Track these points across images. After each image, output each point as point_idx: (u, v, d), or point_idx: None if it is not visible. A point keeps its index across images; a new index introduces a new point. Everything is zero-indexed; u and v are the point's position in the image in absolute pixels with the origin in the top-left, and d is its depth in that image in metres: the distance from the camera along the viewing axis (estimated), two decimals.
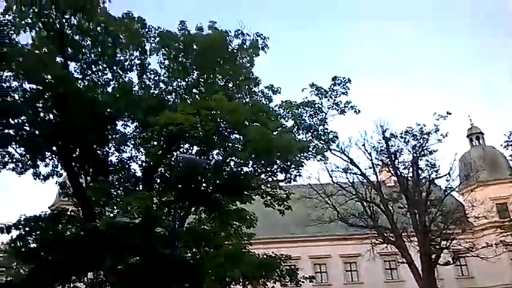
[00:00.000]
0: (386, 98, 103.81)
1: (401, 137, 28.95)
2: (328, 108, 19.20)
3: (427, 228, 28.49)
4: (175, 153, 17.39)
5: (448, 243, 28.53)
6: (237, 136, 17.14)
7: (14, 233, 18.04)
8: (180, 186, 16.98)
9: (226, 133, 17.08)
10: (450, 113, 27.43)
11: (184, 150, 18.14)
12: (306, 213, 29.97)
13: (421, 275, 27.45)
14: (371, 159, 30.38)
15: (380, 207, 29.93)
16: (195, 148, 18.29)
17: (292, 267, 20.11)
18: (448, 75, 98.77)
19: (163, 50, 18.54)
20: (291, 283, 19.73)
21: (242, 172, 18.31)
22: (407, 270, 29.64)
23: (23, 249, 18.31)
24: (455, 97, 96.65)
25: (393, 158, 29.72)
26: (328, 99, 19.02)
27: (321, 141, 18.75)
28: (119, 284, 16.83)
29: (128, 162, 19.60)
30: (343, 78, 18.97)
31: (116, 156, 19.63)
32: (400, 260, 30.56)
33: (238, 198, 19.11)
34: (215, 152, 18.44)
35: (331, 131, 19.19)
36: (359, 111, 19.41)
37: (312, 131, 18.63)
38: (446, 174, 29.68)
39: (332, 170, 30.50)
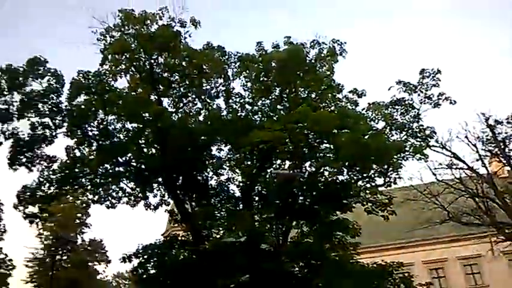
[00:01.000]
0: (480, 85, 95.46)
1: (508, 122, 26.30)
2: (420, 103, 18.12)
3: None
4: (269, 171, 17.77)
5: None
6: (327, 145, 16.99)
7: (135, 261, 19.70)
8: (277, 202, 17.23)
9: (315, 144, 17.02)
10: None
11: (277, 166, 18.43)
12: (412, 217, 28.36)
13: None
14: (477, 151, 27.96)
15: (496, 202, 27.34)
16: (287, 163, 18.48)
17: (406, 274, 19.09)
18: None
19: (244, 73, 19.21)
20: None
21: (338, 181, 18.03)
22: None
23: (144, 276, 19.82)
24: None
25: (502, 147, 27.05)
26: (419, 94, 17.98)
27: (418, 139, 17.73)
28: None
29: (226, 184, 20.43)
30: (432, 69, 17.87)
31: (215, 180, 20.62)
32: None
33: (338, 208, 18.79)
34: (307, 164, 18.45)
35: (428, 127, 18.08)
36: (455, 102, 18.06)
37: (406, 129, 17.72)
38: None
39: (435, 168, 28.59)
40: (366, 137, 15.72)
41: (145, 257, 19.74)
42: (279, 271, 13.27)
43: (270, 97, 18.83)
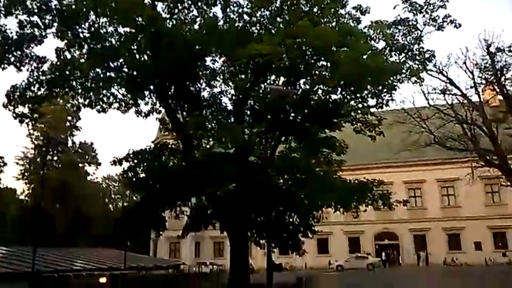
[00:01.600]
0: (488, 9, 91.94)
1: (510, 51, 25.94)
2: (424, 24, 17.47)
3: None
4: (263, 85, 17.58)
5: None
6: (324, 63, 16.67)
7: (125, 165, 20.19)
8: (269, 117, 17.31)
9: (312, 61, 16.66)
10: None
11: (272, 82, 18.21)
12: (400, 139, 29.10)
13: None
14: (473, 78, 27.99)
15: (482, 129, 27.98)
16: (282, 79, 18.25)
17: (385, 191, 19.98)
18: None
19: None
20: (384, 207, 19.74)
21: (331, 100, 18.01)
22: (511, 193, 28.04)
23: (134, 179, 20.46)
24: None
25: (499, 75, 26.98)
26: (424, 15, 17.28)
27: (416, 62, 17.42)
28: (218, 207, 18.30)
29: (219, 96, 20.31)
30: None
31: (207, 91, 20.44)
32: (503, 183, 28.89)
33: (327, 126, 19.02)
34: (302, 81, 18.25)
35: (428, 50, 17.66)
36: (459, 25, 17.42)
37: (405, 51, 17.30)
38: None
39: (428, 92, 28.78)
40: (365, 56, 15.39)
41: (136, 161, 20.21)
42: (266, 183, 13.76)
43: (270, 8, 17.94)
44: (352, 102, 18.31)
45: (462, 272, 30.38)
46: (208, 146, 20.23)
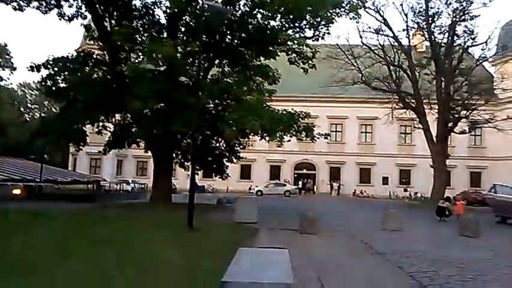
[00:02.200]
0: None
1: None
2: None
3: (451, 96, 28.37)
4: (200, 1, 16.58)
5: (468, 113, 28.67)
6: None
7: (44, 72, 18.61)
8: (204, 36, 16.58)
9: None
10: None
11: None
12: (330, 74, 29.73)
13: (435, 141, 28.30)
14: (406, 21, 28.86)
15: (407, 73, 29.45)
16: None
17: (310, 124, 20.64)
18: None
19: None
20: (306, 138, 20.49)
21: (269, 26, 17.60)
22: (421, 136, 30.50)
23: (53, 88, 19.06)
24: None
25: (430, 21, 28.04)
26: None
27: None
28: (143, 126, 17.80)
29: (152, 7, 18.96)
30: None
31: (140, 0, 18.93)
32: (416, 126, 31.16)
33: (263, 54, 18.79)
34: (242, 2, 17.52)
35: None
36: None
37: None
38: (483, 43, 28.37)
39: (363, 31, 29.35)
40: None
41: (56, 69, 18.73)
42: (195, 104, 13.46)
43: None
44: (289, 31, 18.06)
45: (364, 201, 33.37)
46: (137, 61, 19.15)
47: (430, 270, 6.90)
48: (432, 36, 28.66)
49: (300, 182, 43.39)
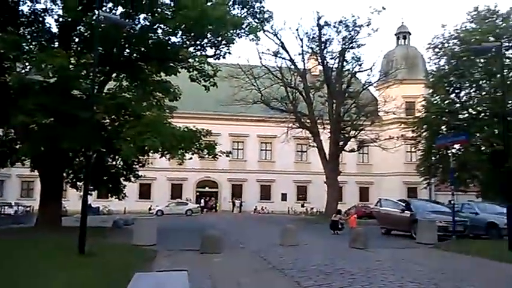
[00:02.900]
0: None
1: (335, 27, 29.14)
2: None
3: (341, 117, 30.62)
4: (97, 12, 15.78)
5: (356, 133, 31.18)
6: (168, 1, 15.84)
7: None
8: (101, 49, 15.74)
9: None
10: (384, 8, 27.88)
11: (108, 10, 16.53)
12: (231, 93, 30.26)
13: (328, 159, 30.17)
14: (302, 46, 30.67)
15: (302, 94, 31.18)
16: (120, 9, 16.74)
17: (212, 142, 20.68)
18: None
19: None
20: (208, 156, 20.48)
21: (170, 42, 17.37)
22: (316, 154, 32.33)
23: None
24: None
25: (323, 47, 30.17)
26: None
27: (256, 20, 18.04)
28: (29, 142, 16.19)
29: (43, 15, 17.56)
30: None
31: (28, 6, 17.43)
32: (311, 144, 32.94)
33: (163, 69, 18.43)
34: (142, 16, 17.08)
35: (268, 10, 18.44)
36: None
37: (248, 7, 17.71)
38: (368, 69, 31.31)
39: (262, 52, 30.52)
40: (209, 3, 15.15)
41: None
42: (88, 120, 12.61)
43: None
44: (191, 49, 18.02)
45: (264, 217, 34.20)
46: (23, 71, 17.48)
47: (324, 283, 7.19)
48: (325, 61, 30.83)
49: (202, 200, 43.05)
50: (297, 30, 30.46)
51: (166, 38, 17.27)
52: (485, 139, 28.71)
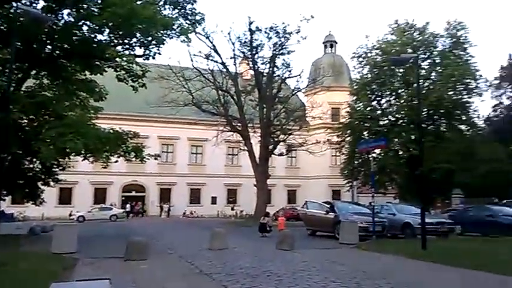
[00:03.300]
0: None
1: (266, 33, 29.71)
2: None
3: (271, 122, 31.23)
4: (15, 4, 14.70)
5: (285, 137, 31.98)
6: None
7: None
8: (19, 44, 14.66)
9: None
10: (313, 17, 28.94)
11: (28, 3, 15.46)
12: (161, 94, 29.63)
13: (258, 162, 30.60)
14: (233, 50, 30.88)
15: (233, 98, 31.35)
16: (42, 3, 15.73)
17: (139, 144, 20.10)
18: None
19: None
20: (136, 159, 19.90)
21: (96, 39, 16.60)
22: (246, 157, 32.66)
23: None
24: (326, 3, 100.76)
25: (254, 52, 30.62)
26: None
27: (187, 21, 17.81)
28: None
29: None
30: None
31: None
32: (242, 148, 33.21)
33: (88, 68, 17.58)
34: (66, 11, 16.16)
35: (200, 12, 18.26)
36: None
37: (179, 7, 17.42)
38: (297, 75, 32.20)
39: (194, 55, 30.32)
40: (139, 2, 14.73)
41: None
42: (3, 119, 11.66)
43: None
44: (119, 48, 17.34)
45: (194, 221, 33.82)
46: None
47: (252, 285, 7.28)
48: (256, 66, 31.29)
49: (128, 205, 41.55)
50: (229, 34, 30.70)
51: (92, 36, 16.48)
52: (402, 144, 30.82)
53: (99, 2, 15.02)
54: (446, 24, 32.44)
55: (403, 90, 32.33)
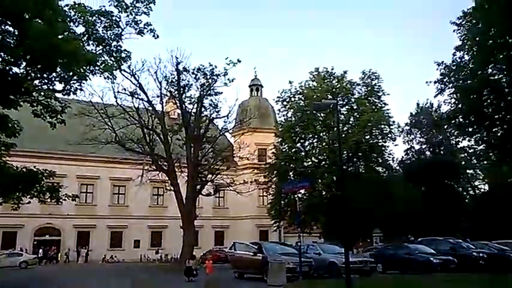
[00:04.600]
0: (191, 33, 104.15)
1: (193, 73, 29.89)
2: (126, 24, 17.81)
3: (199, 161, 30.86)
4: None
5: (213, 177, 31.70)
6: (11, 29, 14.27)
7: None
8: None
9: None
10: (240, 61, 29.55)
11: None
12: (81, 131, 28.17)
13: (184, 202, 29.81)
14: (160, 89, 30.52)
15: (160, 137, 30.66)
16: None
17: (55, 184, 18.78)
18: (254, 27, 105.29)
19: None
20: (51, 200, 18.55)
21: (11, 72, 15.52)
22: (172, 198, 31.69)
23: None
24: (252, 48, 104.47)
25: (181, 92, 30.50)
26: (128, 15, 17.60)
27: (112, 58, 17.34)
28: None
29: None
30: None
31: None
32: (168, 188, 32.25)
33: (2, 102, 16.29)
34: None
35: (125, 50, 17.90)
36: (158, 36, 18.71)
37: (104, 44, 16.94)
38: (225, 116, 32.47)
39: (118, 92, 29.38)
40: (61, 36, 14.11)
41: None
42: None
43: None
44: (36, 82, 16.34)
45: (114, 267, 31.71)
46: None
47: None
48: (183, 105, 31.12)
49: (41, 250, 38.05)
50: (155, 73, 30.19)
51: (7, 68, 15.40)
52: (325, 185, 31.97)
53: (17, 33, 14.17)
54: (362, 73, 35.16)
55: (324, 133, 34.01)
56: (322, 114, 33.51)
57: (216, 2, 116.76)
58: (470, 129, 23.51)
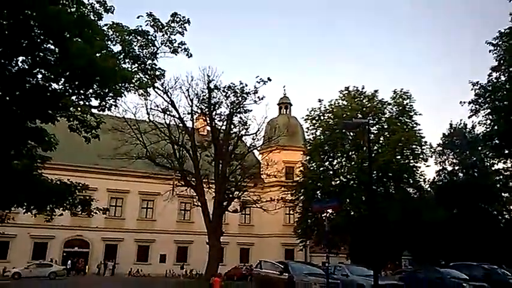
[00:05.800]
0: (222, 51, 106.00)
1: (224, 91, 30.30)
2: (161, 43, 18.39)
3: (226, 178, 31.02)
4: None
5: (240, 194, 31.74)
6: (53, 47, 14.92)
7: None
8: None
9: (39, 40, 14.66)
10: (270, 79, 29.82)
11: None
12: (114, 146, 28.89)
13: (211, 218, 29.94)
14: (191, 106, 31.06)
15: (189, 153, 31.09)
16: None
17: (88, 197, 19.22)
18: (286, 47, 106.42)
19: None
20: (82, 213, 18.98)
21: (50, 88, 16.17)
22: (199, 213, 31.87)
23: None
24: (283, 66, 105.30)
25: (212, 109, 30.93)
26: (163, 35, 18.16)
27: (147, 76, 17.88)
28: None
29: None
30: (183, 17, 18.26)
31: None
32: (195, 203, 32.51)
33: (40, 117, 16.94)
34: (21, 58, 15.74)
35: (159, 68, 18.45)
36: (191, 55, 19.21)
37: (139, 62, 17.52)
38: (253, 134, 32.65)
39: (151, 108, 30.09)
40: (98, 54, 14.65)
41: None
42: None
43: None
44: (73, 97, 16.95)
45: (140, 281, 31.98)
46: None
47: None
48: (213, 122, 31.52)
49: (69, 262, 38.81)
50: (187, 90, 30.83)
51: (47, 84, 16.06)
52: (354, 205, 31.43)
53: (57, 51, 14.80)
54: (393, 93, 34.78)
55: (353, 152, 33.59)
56: (351, 133, 33.22)
57: (246, 22, 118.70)
58: (506, 151, 22.80)
